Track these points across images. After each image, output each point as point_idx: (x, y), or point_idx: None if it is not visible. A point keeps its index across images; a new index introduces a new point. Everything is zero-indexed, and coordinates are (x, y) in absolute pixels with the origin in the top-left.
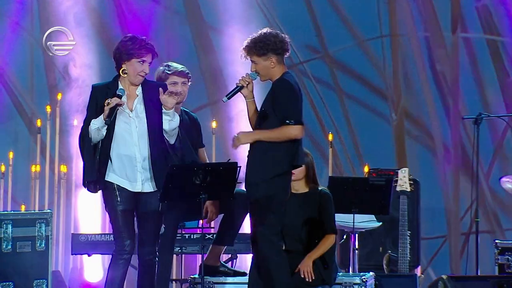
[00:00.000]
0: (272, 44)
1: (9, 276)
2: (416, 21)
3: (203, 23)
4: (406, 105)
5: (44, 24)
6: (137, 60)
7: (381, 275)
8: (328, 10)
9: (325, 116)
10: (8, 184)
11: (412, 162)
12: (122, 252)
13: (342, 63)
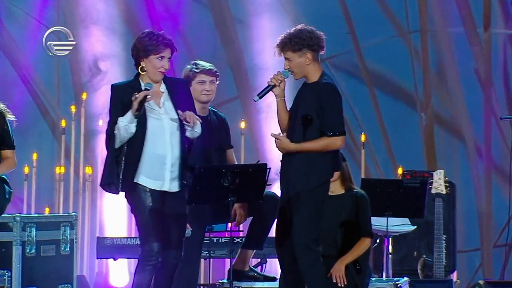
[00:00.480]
0: (308, 39)
1: (33, 280)
2: (448, 17)
3: (229, 14)
4: (437, 105)
5: (69, 20)
6: (156, 57)
7: (416, 280)
8: (358, 5)
9: (350, 115)
10: (32, 186)
11: (442, 163)
12: (150, 257)
13: (371, 60)
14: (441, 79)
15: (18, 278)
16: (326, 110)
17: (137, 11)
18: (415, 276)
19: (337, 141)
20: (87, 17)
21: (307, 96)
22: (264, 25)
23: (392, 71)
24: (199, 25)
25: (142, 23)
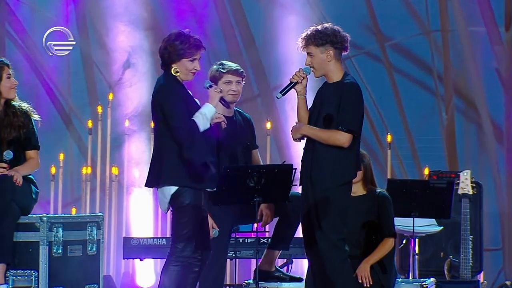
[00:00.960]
0: (332, 36)
1: (60, 281)
2: (470, 16)
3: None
4: (458, 104)
5: (95, 20)
6: (188, 60)
7: (442, 281)
8: (382, 4)
9: (375, 116)
10: (59, 187)
11: (463, 163)
12: (196, 261)
13: (394, 58)
14: (463, 79)
15: (45, 278)
16: (342, 106)
17: (162, 6)
18: (442, 277)
19: (341, 136)
20: (113, 15)
21: (330, 96)
22: (288, 23)
23: (415, 70)
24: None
25: (167, 19)
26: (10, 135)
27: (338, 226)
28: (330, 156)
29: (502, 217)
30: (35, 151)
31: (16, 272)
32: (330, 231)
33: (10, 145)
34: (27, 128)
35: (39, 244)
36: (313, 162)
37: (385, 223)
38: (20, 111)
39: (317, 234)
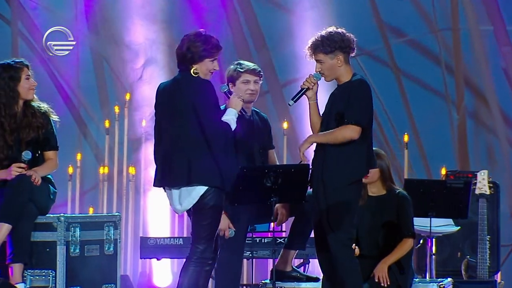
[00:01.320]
0: (340, 41)
1: (77, 280)
2: (478, 15)
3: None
4: (469, 104)
5: (115, 19)
6: (210, 60)
7: (460, 281)
8: (389, 2)
9: (382, 116)
10: (76, 186)
11: (474, 162)
12: (210, 258)
13: (401, 58)
14: (475, 78)
15: (62, 277)
16: (351, 102)
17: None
18: (459, 277)
19: (348, 130)
20: (130, 13)
21: (339, 96)
22: (296, 25)
23: (422, 70)
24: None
25: (184, 15)
26: (29, 135)
27: (348, 226)
28: (341, 155)
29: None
30: (54, 152)
31: (34, 272)
32: (339, 230)
33: (28, 146)
34: (46, 128)
35: (56, 244)
36: (324, 163)
37: (405, 223)
38: (39, 112)
39: (327, 234)
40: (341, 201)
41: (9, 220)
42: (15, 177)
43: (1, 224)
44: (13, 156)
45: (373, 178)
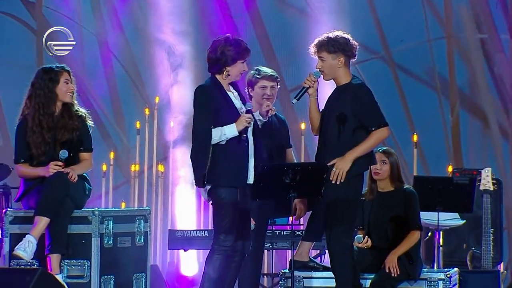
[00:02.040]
0: (344, 44)
1: (110, 269)
2: (473, 24)
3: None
4: (464, 107)
5: (146, 29)
6: (241, 61)
7: (465, 271)
8: (388, 12)
9: None
10: (109, 183)
11: (468, 160)
12: (234, 251)
13: (401, 64)
14: (470, 83)
15: (96, 267)
16: (364, 109)
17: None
18: (464, 267)
19: (382, 133)
20: (161, 25)
21: (340, 97)
22: (299, 35)
23: (421, 75)
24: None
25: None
26: (64, 136)
27: (345, 219)
28: (343, 151)
29: (508, 211)
30: (89, 153)
31: (70, 262)
32: (340, 225)
33: (64, 146)
34: (81, 131)
35: (91, 236)
36: (327, 159)
37: (412, 217)
38: (76, 115)
39: (326, 228)
40: (342, 195)
41: (47, 214)
42: (52, 174)
43: (40, 218)
44: (50, 153)
45: (384, 175)
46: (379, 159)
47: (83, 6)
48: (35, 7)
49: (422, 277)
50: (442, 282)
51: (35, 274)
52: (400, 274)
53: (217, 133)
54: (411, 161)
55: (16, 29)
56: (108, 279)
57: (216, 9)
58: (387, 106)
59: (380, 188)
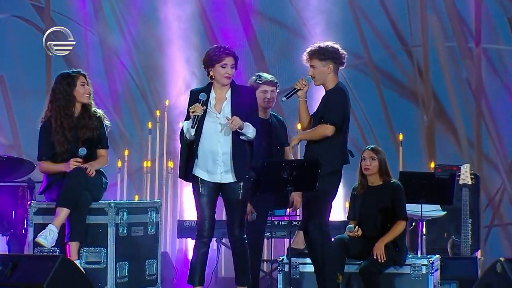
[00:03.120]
0: (333, 53)
1: (125, 256)
2: (444, 32)
3: None
4: (436, 108)
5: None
6: (219, 65)
7: (446, 257)
8: (371, 24)
9: (362, 120)
10: (124, 177)
11: (440, 157)
12: (201, 236)
13: (380, 69)
14: (440, 87)
15: (112, 254)
16: (328, 104)
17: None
18: (445, 254)
19: (324, 128)
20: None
21: (323, 101)
22: (287, 47)
23: (399, 79)
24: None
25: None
26: (85, 134)
27: (324, 213)
28: (319, 150)
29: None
30: (105, 150)
31: (89, 249)
32: (314, 215)
33: (84, 144)
34: (99, 130)
35: (107, 226)
36: (306, 157)
37: (398, 208)
38: (95, 116)
39: (307, 219)
40: (319, 189)
41: (67, 205)
42: (72, 169)
43: (61, 209)
44: (72, 151)
45: (373, 171)
46: (368, 156)
47: (94, 11)
48: (44, 11)
49: (407, 263)
50: (425, 267)
51: (56, 261)
52: (387, 260)
53: (183, 128)
54: (391, 158)
55: (26, 30)
56: (122, 264)
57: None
58: (368, 107)
59: (370, 182)
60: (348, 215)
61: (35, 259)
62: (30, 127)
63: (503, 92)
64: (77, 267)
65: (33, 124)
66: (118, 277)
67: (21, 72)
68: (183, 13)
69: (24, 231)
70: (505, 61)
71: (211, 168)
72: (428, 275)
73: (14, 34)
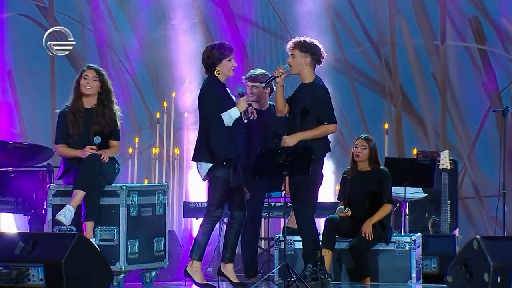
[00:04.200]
0: (314, 49)
1: (135, 234)
2: (412, 31)
3: None
4: (404, 101)
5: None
6: (227, 59)
7: (427, 235)
8: (343, 23)
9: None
10: (135, 163)
11: (408, 145)
12: (233, 219)
13: (353, 65)
14: (407, 81)
15: (124, 232)
16: (322, 106)
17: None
18: (426, 232)
19: (332, 128)
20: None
21: (304, 93)
22: (264, 46)
23: (370, 74)
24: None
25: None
26: (95, 129)
27: (309, 198)
28: (308, 141)
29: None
30: (117, 141)
31: (102, 228)
32: (300, 199)
33: (97, 134)
34: (111, 127)
35: (119, 207)
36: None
37: (385, 192)
38: (110, 113)
39: (294, 201)
40: (305, 177)
41: (83, 188)
42: (88, 155)
43: (77, 191)
44: (84, 140)
45: (363, 158)
46: (360, 144)
47: (94, 9)
48: (47, 10)
49: (392, 240)
50: (408, 244)
51: (73, 238)
52: (374, 238)
53: (225, 117)
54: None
55: (31, 28)
56: (133, 242)
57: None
58: (342, 99)
59: (359, 168)
60: (338, 196)
61: (54, 237)
62: (35, 119)
63: (466, 86)
64: (92, 244)
65: (37, 116)
66: (129, 253)
67: (26, 68)
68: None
69: (43, 212)
70: (468, 57)
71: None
72: (411, 251)
73: (19, 31)
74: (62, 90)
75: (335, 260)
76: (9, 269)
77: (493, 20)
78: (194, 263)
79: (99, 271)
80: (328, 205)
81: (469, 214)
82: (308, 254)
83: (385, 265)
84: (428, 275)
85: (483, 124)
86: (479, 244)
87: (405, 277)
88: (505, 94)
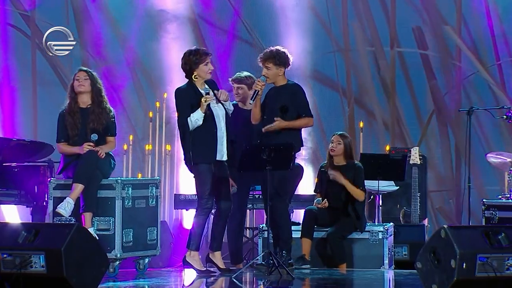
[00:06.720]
0: (285, 59)
1: (130, 224)
2: (364, 38)
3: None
4: (358, 101)
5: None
6: (203, 64)
7: (398, 225)
8: (301, 31)
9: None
10: (129, 159)
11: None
12: (218, 211)
13: (314, 69)
14: (361, 84)
15: (119, 223)
16: (300, 102)
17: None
18: (398, 222)
19: (309, 121)
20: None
21: (281, 93)
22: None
23: (329, 76)
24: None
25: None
26: (92, 127)
27: (285, 188)
28: (287, 137)
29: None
30: (113, 137)
31: (99, 219)
32: (278, 190)
33: (94, 131)
34: (107, 124)
35: (115, 199)
36: (275, 141)
37: (359, 184)
38: (105, 112)
39: (273, 195)
40: (283, 171)
41: (82, 182)
42: (86, 151)
43: (76, 185)
44: (82, 137)
45: (339, 152)
46: (336, 140)
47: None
48: (29, 18)
49: (367, 229)
50: (381, 233)
51: (72, 228)
52: (350, 227)
53: (189, 121)
54: (321, 143)
55: (16, 36)
56: (128, 231)
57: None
58: None
59: (335, 162)
60: (315, 188)
61: (54, 227)
62: (25, 119)
63: (410, 87)
64: (90, 233)
65: (27, 116)
66: (124, 242)
67: (13, 73)
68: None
69: (45, 204)
70: (412, 62)
71: (220, 148)
72: (384, 239)
73: (7, 41)
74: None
75: (314, 248)
76: (13, 256)
77: (435, 28)
78: (191, 253)
79: (96, 258)
80: (307, 197)
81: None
82: (285, 242)
83: (360, 253)
84: (400, 261)
85: (428, 124)
86: (446, 232)
87: (378, 264)
88: (448, 97)
